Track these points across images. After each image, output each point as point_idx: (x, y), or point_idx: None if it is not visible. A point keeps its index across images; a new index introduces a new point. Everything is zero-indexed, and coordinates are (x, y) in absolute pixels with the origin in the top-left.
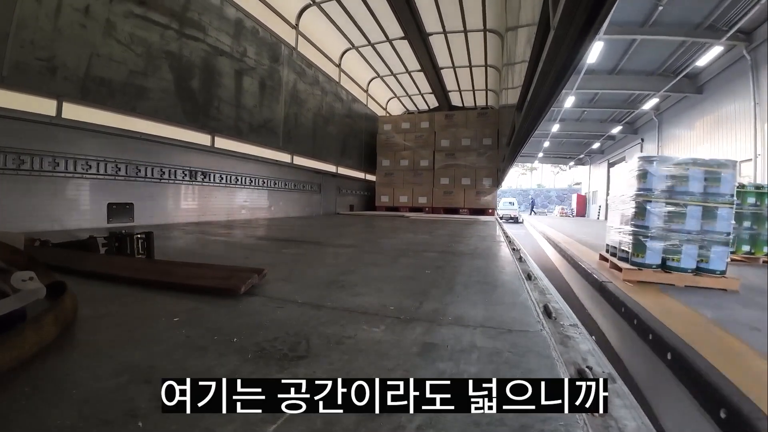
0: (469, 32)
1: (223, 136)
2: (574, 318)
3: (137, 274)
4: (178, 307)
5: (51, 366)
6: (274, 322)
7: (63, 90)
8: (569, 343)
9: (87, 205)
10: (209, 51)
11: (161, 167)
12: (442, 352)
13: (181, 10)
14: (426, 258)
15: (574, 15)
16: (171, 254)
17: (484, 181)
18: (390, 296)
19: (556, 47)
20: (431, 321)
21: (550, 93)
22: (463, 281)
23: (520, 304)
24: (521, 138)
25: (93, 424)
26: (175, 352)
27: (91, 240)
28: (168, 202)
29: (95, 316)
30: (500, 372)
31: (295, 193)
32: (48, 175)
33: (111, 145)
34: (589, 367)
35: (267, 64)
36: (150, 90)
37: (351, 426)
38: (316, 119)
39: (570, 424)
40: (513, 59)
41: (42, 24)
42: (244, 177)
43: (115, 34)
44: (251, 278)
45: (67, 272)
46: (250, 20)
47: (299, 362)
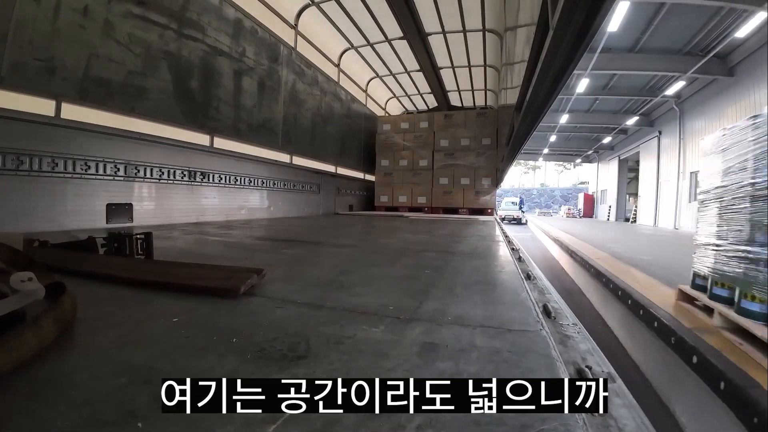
0: (468, 32)
1: (222, 137)
2: (573, 318)
3: (136, 275)
4: (177, 307)
5: (50, 367)
6: (273, 323)
7: (62, 90)
8: (569, 343)
9: (86, 205)
10: (208, 51)
11: (160, 168)
12: (442, 352)
13: (180, 10)
14: (425, 258)
15: (573, 14)
16: (170, 255)
17: (483, 181)
18: (390, 296)
19: (556, 47)
20: (431, 321)
21: (549, 93)
22: (462, 281)
23: (519, 304)
24: (520, 138)
25: (93, 425)
26: (175, 352)
27: (90, 240)
28: (167, 203)
29: (94, 317)
30: (500, 371)
31: (294, 193)
32: (47, 175)
33: (110, 145)
34: (589, 367)
35: (266, 64)
36: (149, 90)
37: (351, 426)
38: (315, 119)
39: (570, 424)
40: (512, 59)
41: (40, 24)
42: (243, 177)
43: (113, 35)
44: (251, 278)
45: (66, 273)
46: (249, 20)
47: (299, 362)
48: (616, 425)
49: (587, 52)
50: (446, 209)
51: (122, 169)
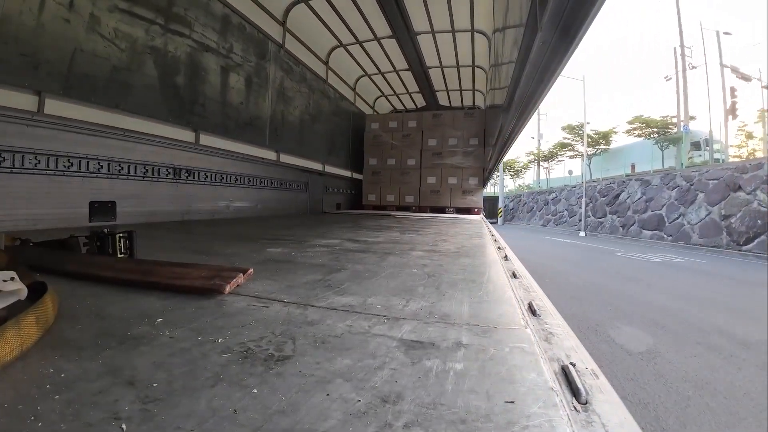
0: (456, 32)
1: (208, 134)
2: (558, 315)
3: (119, 274)
4: (160, 307)
5: (32, 369)
6: (259, 322)
7: (45, 86)
8: (553, 340)
9: (68, 203)
10: (195, 47)
11: (144, 165)
12: (429, 350)
13: (167, 5)
14: (412, 256)
15: (562, 15)
16: (154, 253)
17: (470, 180)
18: (377, 295)
19: (543, 48)
20: (417, 319)
21: (536, 93)
22: (448, 279)
23: (505, 302)
24: (507, 138)
25: (76, 427)
26: (158, 353)
27: (72, 239)
28: (151, 201)
29: (77, 317)
30: (486, 368)
31: (281, 191)
32: (29, 172)
33: (93, 142)
34: (573, 363)
35: (254, 61)
36: (134, 86)
37: (338, 425)
38: (303, 117)
39: (553, 420)
40: (500, 60)
41: (25, 19)
42: (229, 175)
43: (99, 29)
44: (236, 278)
45: (47, 272)
46: (237, 16)
47: (285, 362)
48: (600, 421)
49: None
50: (434, 208)
51: (106, 166)
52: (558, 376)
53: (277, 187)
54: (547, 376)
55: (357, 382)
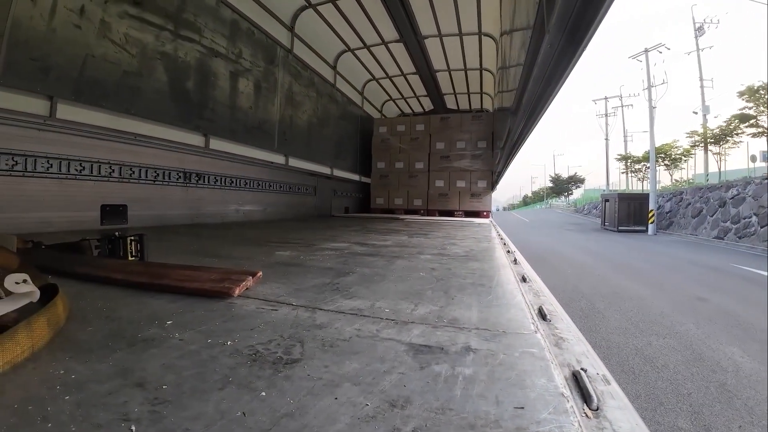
0: (464, 35)
1: (217, 138)
2: (568, 320)
3: (130, 277)
4: (170, 309)
5: (43, 370)
6: (268, 325)
7: (56, 91)
8: (564, 345)
9: (80, 206)
10: (204, 52)
11: (155, 169)
12: (438, 354)
13: (176, 11)
14: (421, 260)
15: (570, 18)
16: (164, 256)
17: (479, 183)
18: (385, 298)
19: (551, 50)
20: (426, 323)
21: (544, 96)
22: (457, 284)
23: (514, 306)
24: (516, 141)
25: (85, 428)
26: (168, 355)
27: (83, 242)
28: (162, 204)
29: (87, 319)
30: (495, 373)
31: (290, 195)
32: (41, 176)
33: (105, 146)
34: (584, 369)
35: (262, 66)
36: (144, 91)
37: (346, 429)
38: (311, 121)
39: (564, 426)
40: (508, 63)
41: (36, 24)
42: (238, 179)
43: (109, 35)
44: (245, 281)
45: (58, 274)
46: (246, 22)
47: (294, 365)
48: (611, 427)
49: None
50: (442, 212)
51: (117, 170)
52: (569, 382)
53: (286, 191)
54: (558, 382)
55: (365, 386)
